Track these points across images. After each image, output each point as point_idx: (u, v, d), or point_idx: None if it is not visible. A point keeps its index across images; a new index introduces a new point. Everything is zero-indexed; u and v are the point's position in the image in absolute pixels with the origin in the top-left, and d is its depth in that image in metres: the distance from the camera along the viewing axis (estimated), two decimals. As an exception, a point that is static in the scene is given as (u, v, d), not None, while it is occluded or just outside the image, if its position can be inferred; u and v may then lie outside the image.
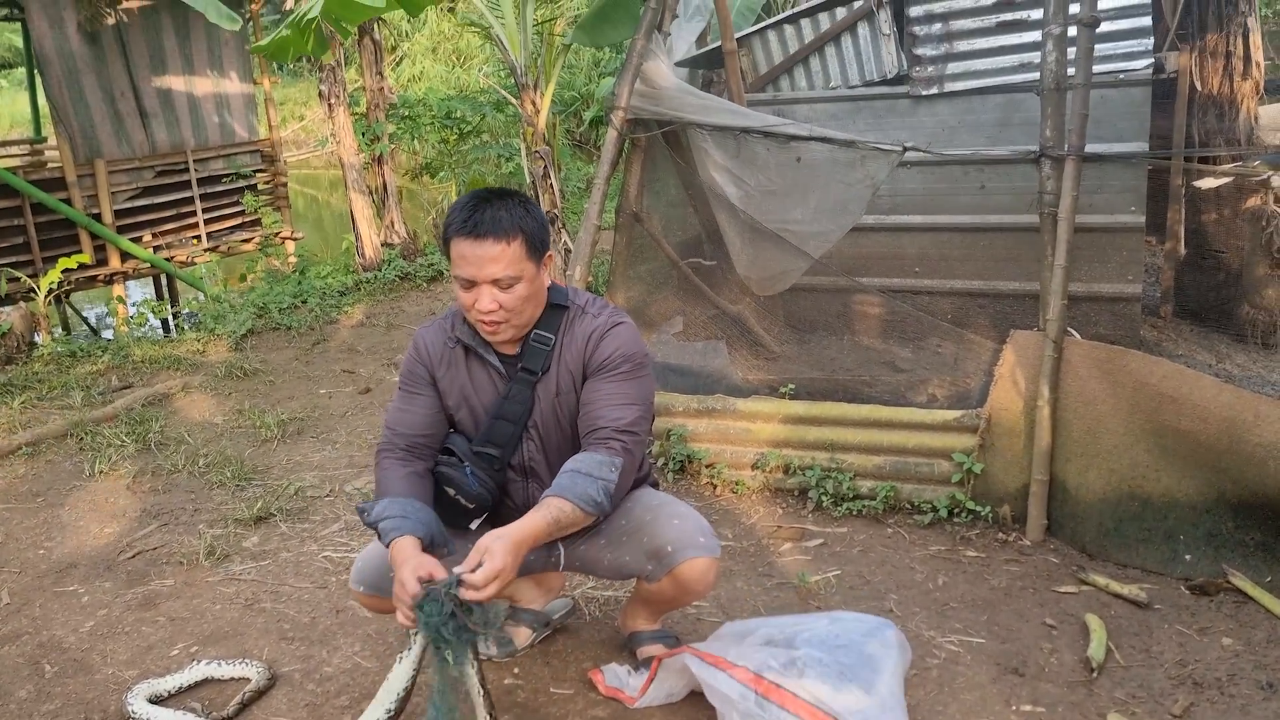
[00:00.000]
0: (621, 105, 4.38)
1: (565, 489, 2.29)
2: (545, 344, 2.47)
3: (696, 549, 2.47)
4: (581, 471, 2.32)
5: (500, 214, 2.30)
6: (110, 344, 6.88)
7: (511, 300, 2.34)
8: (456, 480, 2.49)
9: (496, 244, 2.28)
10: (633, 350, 2.46)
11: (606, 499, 2.33)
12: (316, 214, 18.42)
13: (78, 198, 8.72)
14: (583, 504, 2.28)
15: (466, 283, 2.33)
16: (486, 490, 2.50)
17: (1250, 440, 3.14)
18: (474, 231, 2.28)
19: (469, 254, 2.30)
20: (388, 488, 2.46)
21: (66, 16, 8.57)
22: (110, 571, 3.61)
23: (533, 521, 2.23)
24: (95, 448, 4.81)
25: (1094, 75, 3.69)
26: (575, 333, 2.47)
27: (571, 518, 2.28)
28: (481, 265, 2.29)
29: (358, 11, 5.69)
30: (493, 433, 2.51)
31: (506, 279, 2.31)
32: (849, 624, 2.57)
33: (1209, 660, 2.82)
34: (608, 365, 2.44)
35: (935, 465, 3.74)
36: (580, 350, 2.46)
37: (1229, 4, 5.07)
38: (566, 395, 2.49)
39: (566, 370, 2.47)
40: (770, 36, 5.37)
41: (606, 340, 2.45)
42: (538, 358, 2.47)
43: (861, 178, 4.11)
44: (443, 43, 20.09)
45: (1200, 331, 5.30)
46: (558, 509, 2.26)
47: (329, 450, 4.76)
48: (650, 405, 2.52)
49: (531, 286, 2.38)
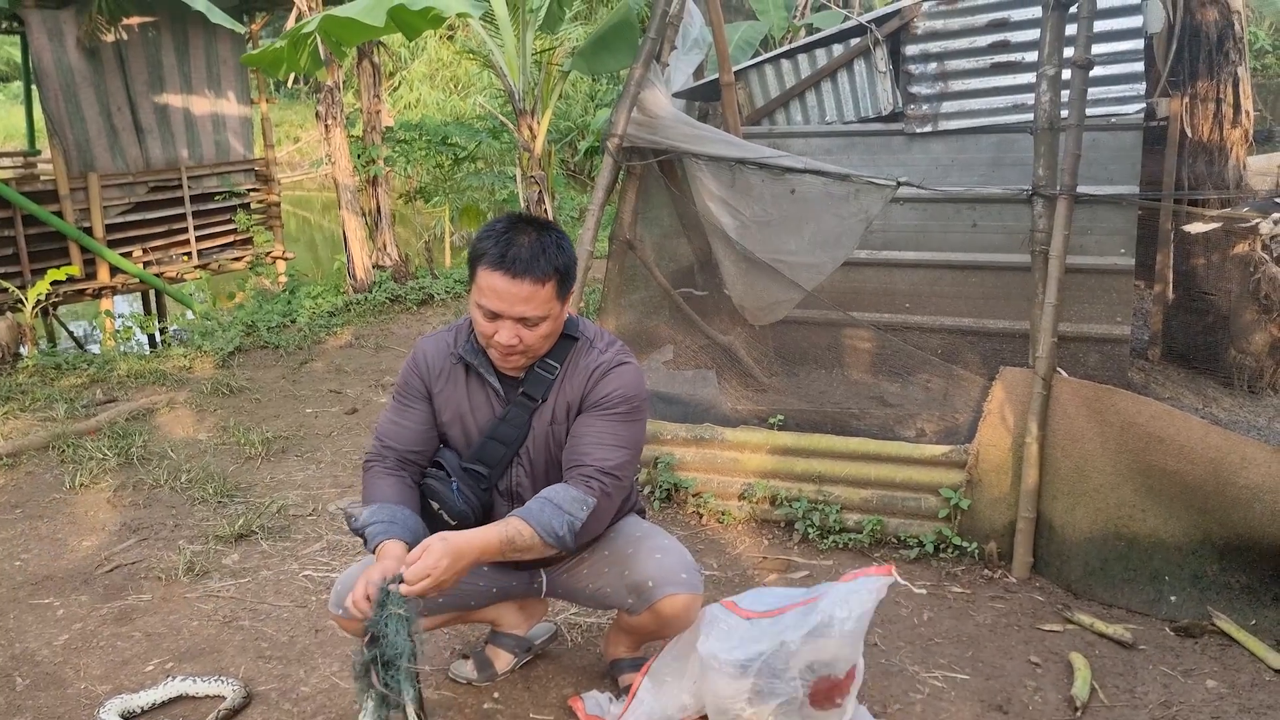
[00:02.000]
0: (618, 133, 4.40)
1: (531, 514, 2.27)
2: (550, 372, 2.44)
3: (678, 585, 2.44)
4: (553, 502, 2.30)
5: (536, 251, 2.23)
6: (96, 358, 6.84)
7: (533, 338, 2.31)
8: (442, 495, 2.46)
9: (531, 285, 2.22)
10: (633, 393, 2.43)
11: (570, 535, 2.29)
12: (309, 235, 18.43)
13: (69, 211, 8.70)
14: (543, 533, 2.25)
15: (490, 314, 2.28)
16: (470, 508, 2.47)
17: (1236, 483, 3.15)
18: (510, 268, 2.21)
19: (501, 289, 2.23)
20: (376, 494, 2.43)
21: (66, 31, 8.59)
22: (87, 585, 3.56)
23: (485, 534, 2.21)
24: (77, 460, 4.77)
25: (1086, 117, 3.73)
26: (580, 365, 2.45)
27: (528, 543, 2.24)
28: (511, 304, 2.24)
29: (355, 31, 5.72)
30: (484, 452, 2.49)
31: (534, 318, 2.28)
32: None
33: (1193, 703, 2.80)
34: (605, 403, 2.41)
35: (922, 500, 3.74)
36: (581, 383, 2.43)
37: (1220, 53, 5.13)
38: (560, 425, 2.46)
39: (564, 400, 2.45)
40: (767, 71, 5.41)
41: (609, 378, 2.42)
42: (540, 385, 2.44)
43: (855, 211, 4.14)
44: (441, 70, 20.21)
45: (1187, 375, 5.32)
46: (515, 530, 2.23)
47: (313, 469, 4.72)
48: (639, 450, 2.50)
49: (554, 325, 2.35)
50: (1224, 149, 5.18)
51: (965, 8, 4.85)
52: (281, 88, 26.51)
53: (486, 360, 2.44)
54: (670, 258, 5.12)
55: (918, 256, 5.05)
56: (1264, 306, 5.05)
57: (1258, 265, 5.03)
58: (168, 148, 9.65)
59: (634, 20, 6.55)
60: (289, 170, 20.69)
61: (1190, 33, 5.16)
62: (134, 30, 9.12)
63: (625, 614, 2.56)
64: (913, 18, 4.93)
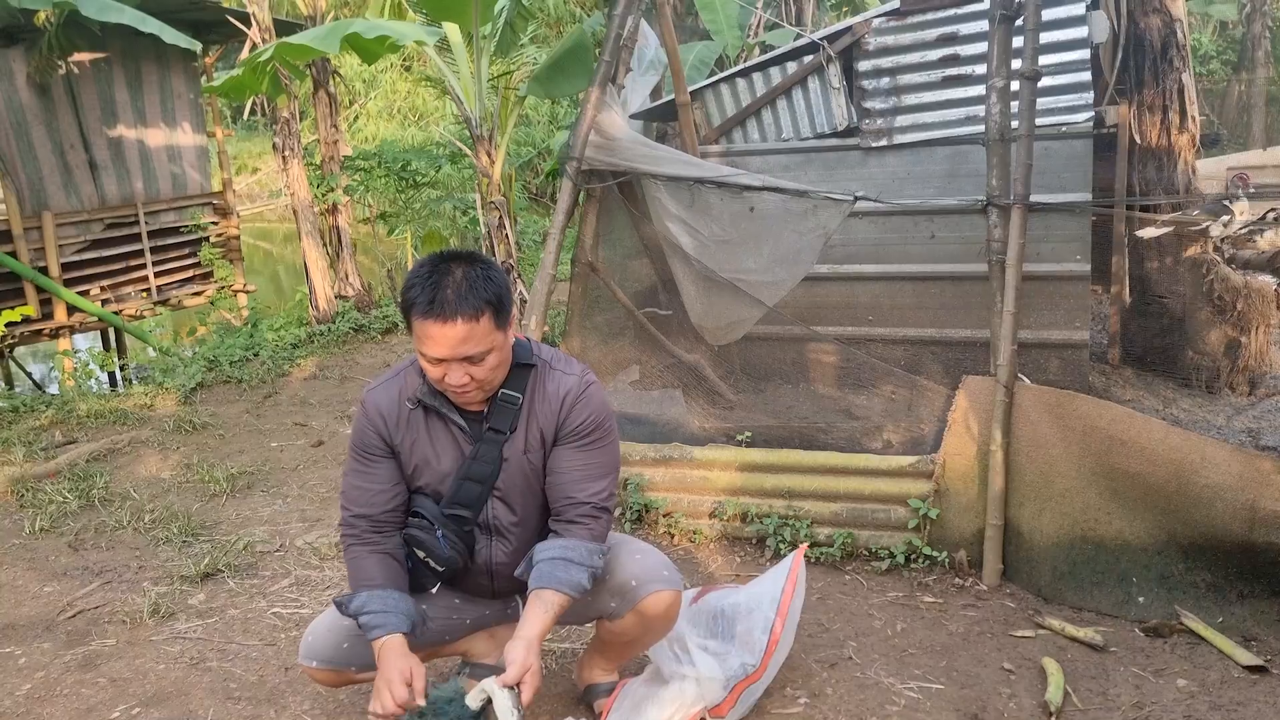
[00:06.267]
0: (576, 155, 4.41)
1: (558, 580, 2.29)
2: (513, 403, 2.41)
3: (661, 582, 2.46)
4: (570, 560, 2.32)
5: (464, 289, 2.18)
6: (55, 398, 6.73)
7: (483, 372, 2.28)
8: (428, 544, 2.42)
9: (466, 325, 2.18)
10: (603, 416, 2.45)
11: (592, 582, 2.36)
12: (270, 267, 18.29)
13: (23, 250, 8.56)
14: (574, 592, 2.31)
15: (435, 360, 2.25)
16: (457, 553, 2.45)
17: (1198, 482, 3.19)
18: (440, 313, 2.17)
19: (437, 335, 2.19)
20: (363, 578, 2.38)
21: (16, 68, 8.49)
22: (49, 632, 3.49)
23: (539, 621, 2.25)
24: (36, 504, 4.68)
25: (1037, 127, 3.78)
26: (547, 391, 2.43)
27: (566, 606, 2.31)
28: (453, 347, 2.20)
29: (309, 55, 5.72)
30: (460, 494, 2.44)
31: (478, 355, 2.24)
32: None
33: (1165, 702, 2.83)
34: (580, 432, 2.41)
35: (892, 511, 3.75)
36: (555, 411, 2.42)
37: (1164, 60, 5.23)
38: (536, 453, 2.44)
39: (537, 428, 2.43)
40: (723, 90, 5.45)
41: (580, 406, 2.41)
42: (506, 416, 2.41)
43: (814, 227, 4.17)
44: (397, 101, 20.18)
45: (1146, 377, 5.40)
46: (554, 603, 2.28)
47: (280, 504, 4.66)
48: (618, 467, 2.53)
49: (502, 354, 2.32)
50: (1172, 154, 5.28)
51: (915, 23, 4.91)
52: (239, 120, 26.36)
53: (447, 400, 2.40)
54: (633, 278, 5.13)
55: (878, 269, 5.09)
56: (1218, 307, 5.14)
57: (1210, 267, 5.13)
58: (123, 183, 9.54)
59: (589, 43, 6.58)
60: (248, 202, 20.54)
61: (1135, 41, 5.26)
62: (85, 66, 9.02)
63: (606, 621, 2.55)
64: (864, 34, 4.99)
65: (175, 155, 10.04)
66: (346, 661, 2.45)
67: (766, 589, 2.83)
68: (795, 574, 2.82)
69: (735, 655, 2.66)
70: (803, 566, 2.89)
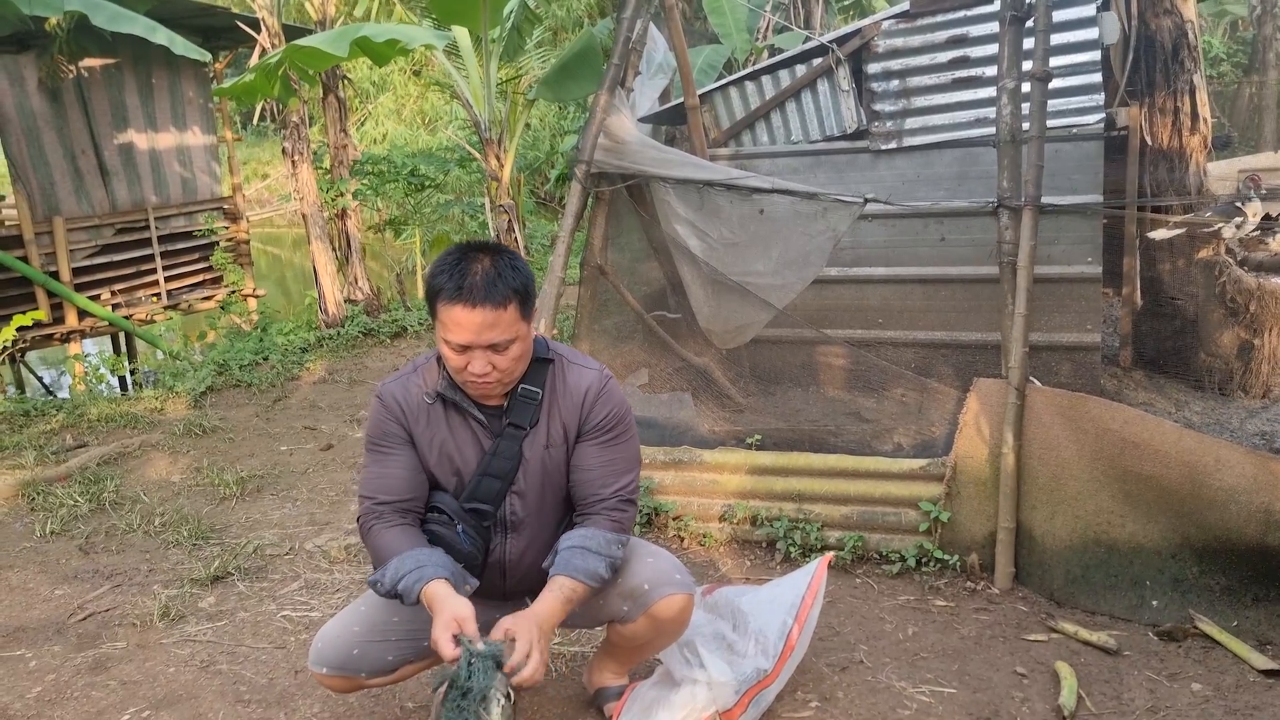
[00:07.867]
0: (585, 159, 4.41)
1: (575, 568, 2.30)
2: (533, 398, 2.41)
3: (673, 585, 2.45)
4: (589, 549, 2.33)
5: (492, 276, 2.20)
6: (66, 402, 6.75)
7: (505, 362, 2.28)
8: (449, 539, 2.40)
9: (493, 311, 2.19)
10: (624, 410, 2.46)
11: (611, 573, 2.36)
12: (279, 272, 18.35)
13: (35, 255, 8.61)
14: (591, 580, 2.31)
15: (459, 347, 2.25)
16: (477, 549, 2.44)
17: (1211, 484, 3.17)
18: (468, 298, 2.18)
19: (464, 321, 2.20)
20: (389, 550, 2.33)
21: (27, 74, 8.53)
22: (60, 635, 3.49)
23: (553, 605, 2.24)
24: (47, 508, 4.69)
25: (1048, 129, 3.77)
26: (568, 384, 2.43)
27: (581, 595, 2.31)
28: (478, 333, 2.21)
29: (321, 59, 5.73)
30: (480, 489, 2.43)
31: (503, 343, 2.25)
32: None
33: (1179, 706, 2.80)
34: (603, 427, 2.42)
35: (902, 514, 3.74)
36: (577, 405, 2.42)
37: (1175, 62, 5.22)
38: (558, 448, 2.44)
39: (559, 423, 2.42)
40: (732, 93, 5.45)
41: (602, 401, 2.42)
42: (526, 411, 2.41)
43: (823, 229, 4.16)
44: (408, 103, 20.24)
45: (1159, 379, 5.37)
46: (570, 589, 2.28)
47: (289, 508, 4.67)
48: (640, 460, 2.54)
49: (524, 345, 2.32)
50: (1184, 156, 5.26)
51: (924, 25, 4.91)
52: (249, 125, 26.47)
53: (466, 394, 2.40)
54: (642, 281, 5.12)
55: (888, 272, 5.08)
56: (1230, 309, 5.11)
57: (1222, 269, 5.10)
58: (134, 189, 9.58)
59: (597, 47, 6.60)
60: (258, 207, 20.60)
61: (1145, 43, 5.24)
62: (96, 71, 9.07)
63: (618, 625, 2.53)
64: (873, 36, 4.98)
65: (185, 160, 10.08)
66: (356, 668, 2.44)
67: (786, 594, 2.82)
68: (818, 583, 2.81)
69: (749, 660, 2.65)
70: (825, 576, 2.88)
